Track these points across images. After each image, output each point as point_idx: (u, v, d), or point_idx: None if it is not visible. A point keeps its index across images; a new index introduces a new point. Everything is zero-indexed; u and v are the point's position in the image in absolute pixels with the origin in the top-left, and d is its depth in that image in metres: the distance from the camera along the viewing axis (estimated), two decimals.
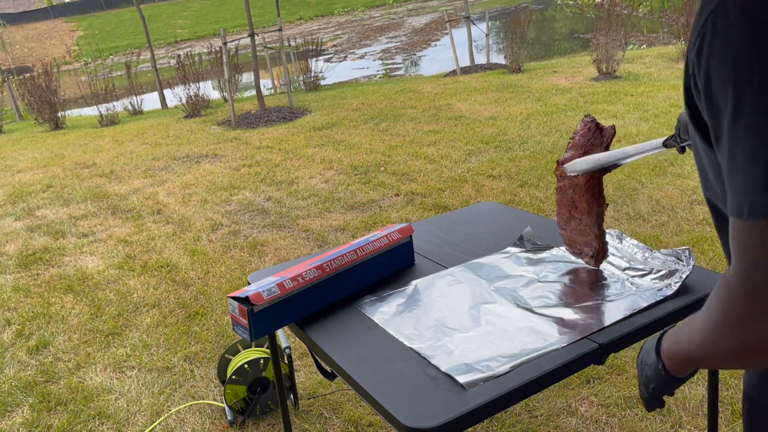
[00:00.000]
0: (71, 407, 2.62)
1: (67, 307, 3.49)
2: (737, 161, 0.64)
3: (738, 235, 0.66)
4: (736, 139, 0.64)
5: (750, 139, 0.62)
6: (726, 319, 0.68)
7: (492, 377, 1.19)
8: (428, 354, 1.29)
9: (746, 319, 0.66)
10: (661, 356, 0.90)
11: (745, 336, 0.66)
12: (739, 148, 0.64)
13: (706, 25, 0.66)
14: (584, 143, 1.45)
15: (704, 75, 0.67)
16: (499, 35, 16.81)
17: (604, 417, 2.25)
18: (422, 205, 4.42)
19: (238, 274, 3.67)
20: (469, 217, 2.02)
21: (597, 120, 1.46)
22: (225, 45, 8.23)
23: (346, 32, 24.15)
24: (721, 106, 0.66)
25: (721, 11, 0.64)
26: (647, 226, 3.72)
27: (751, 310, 0.65)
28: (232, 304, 1.43)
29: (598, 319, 1.34)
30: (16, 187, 5.96)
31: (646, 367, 0.94)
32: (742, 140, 0.63)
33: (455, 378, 1.20)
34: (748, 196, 0.63)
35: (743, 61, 0.62)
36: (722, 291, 0.69)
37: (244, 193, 5.14)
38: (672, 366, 0.88)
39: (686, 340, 0.81)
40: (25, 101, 10.45)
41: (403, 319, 1.44)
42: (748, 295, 0.65)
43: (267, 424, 2.41)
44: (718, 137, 0.68)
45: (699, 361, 0.81)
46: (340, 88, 10.80)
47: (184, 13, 36.63)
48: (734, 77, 0.63)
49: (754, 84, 0.62)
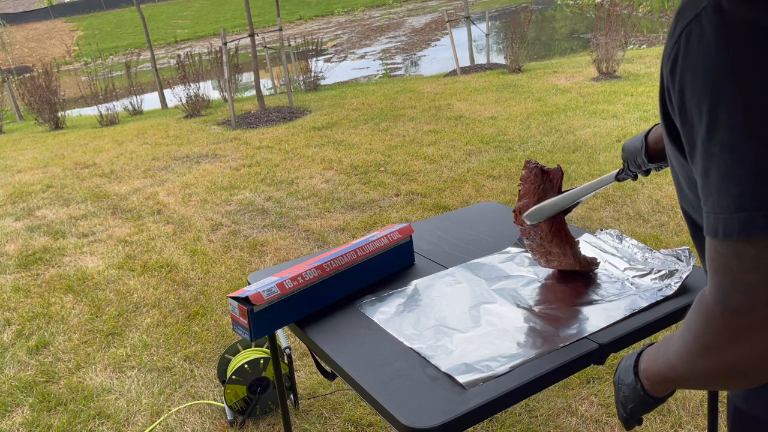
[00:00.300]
0: (71, 407, 2.62)
1: (67, 307, 3.49)
2: (711, 179, 0.63)
3: (714, 254, 0.64)
4: (710, 156, 0.63)
5: (724, 157, 0.61)
6: (704, 340, 0.67)
7: (492, 377, 1.19)
8: (428, 354, 1.29)
9: (724, 340, 0.65)
10: (639, 376, 0.88)
11: (723, 357, 0.65)
12: (714, 166, 0.62)
13: (680, 39, 0.64)
14: (535, 190, 1.43)
15: (678, 89, 0.66)
16: (499, 35, 16.81)
17: (604, 417, 2.26)
18: (422, 205, 4.42)
19: (238, 274, 3.67)
20: (469, 217, 2.02)
21: (540, 164, 1.44)
22: (225, 45, 8.23)
23: (346, 32, 24.15)
24: (695, 122, 0.64)
25: (695, 25, 0.62)
26: (647, 226, 3.72)
27: (729, 331, 0.64)
28: (232, 304, 1.43)
29: (598, 319, 1.34)
30: (16, 187, 5.96)
31: (624, 386, 0.92)
32: (716, 157, 0.62)
33: (455, 378, 1.20)
34: (722, 215, 0.62)
35: (719, 77, 0.60)
36: (699, 311, 0.68)
37: (244, 193, 5.14)
38: (650, 386, 0.87)
39: (664, 361, 0.79)
40: (25, 101, 10.45)
41: (402, 319, 1.44)
42: (725, 315, 0.64)
43: (267, 424, 2.41)
44: (693, 153, 0.66)
45: (677, 381, 0.79)
46: (340, 88, 10.80)
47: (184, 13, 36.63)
48: (709, 93, 0.61)
49: (729, 100, 0.60)
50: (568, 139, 5.55)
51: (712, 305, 0.65)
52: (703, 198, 0.65)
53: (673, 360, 0.75)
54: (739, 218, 0.60)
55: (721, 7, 0.60)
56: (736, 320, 0.63)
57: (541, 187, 1.42)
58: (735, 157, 0.60)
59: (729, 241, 0.61)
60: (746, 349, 0.63)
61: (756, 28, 0.58)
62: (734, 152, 0.60)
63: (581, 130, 5.80)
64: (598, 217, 3.88)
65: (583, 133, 5.69)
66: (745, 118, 0.59)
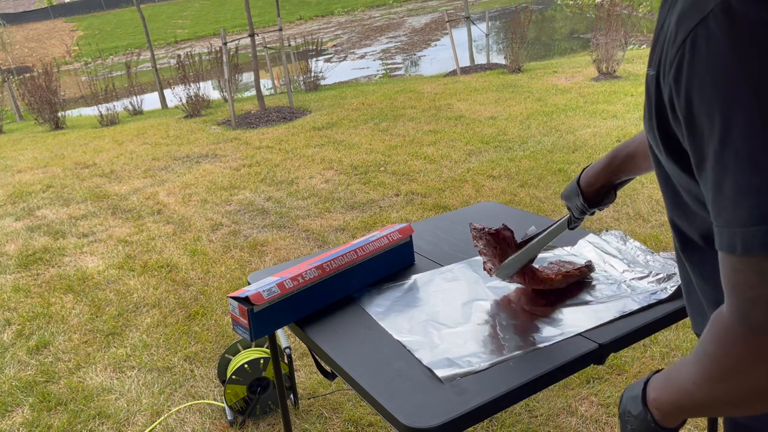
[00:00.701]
0: (71, 407, 2.62)
1: (67, 307, 3.49)
2: (725, 191, 0.59)
3: (731, 271, 0.61)
4: (724, 167, 0.59)
5: (741, 167, 0.57)
6: (724, 363, 0.63)
7: (470, 373, 1.20)
8: (413, 348, 1.31)
9: (747, 362, 0.61)
10: (649, 406, 0.81)
11: (746, 380, 0.62)
12: (729, 178, 0.59)
13: (685, 45, 0.61)
14: (492, 251, 1.44)
15: (685, 98, 0.62)
16: (499, 35, 16.82)
17: (604, 417, 2.26)
18: (422, 205, 4.42)
19: (238, 274, 3.67)
20: (469, 217, 2.02)
21: (483, 226, 1.43)
22: (225, 45, 8.23)
23: (346, 32, 24.15)
24: (705, 132, 0.60)
25: (702, 29, 0.59)
26: (647, 226, 3.72)
27: (752, 352, 0.60)
28: (232, 304, 1.43)
29: (586, 319, 1.35)
30: (16, 187, 5.96)
31: (632, 419, 0.85)
32: (731, 168, 0.58)
33: (434, 372, 1.21)
34: (740, 228, 0.58)
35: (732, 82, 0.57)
36: (717, 332, 0.64)
37: (244, 193, 5.14)
38: (661, 416, 0.80)
39: (677, 388, 0.74)
40: (25, 101, 10.45)
41: (397, 312, 1.46)
42: (747, 335, 0.60)
43: (267, 424, 2.41)
44: (702, 165, 0.63)
45: (693, 410, 0.73)
46: (340, 88, 10.80)
47: (184, 13, 36.64)
48: (721, 99, 0.58)
49: (744, 106, 0.57)
50: (568, 139, 5.56)
51: (732, 325, 0.62)
52: (715, 212, 0.61)
53: (689, 386, 0.71)
54: (760, 232, 0.57)
55: (730, 7, 0.57)
56: (759, 340, 0.59)
57: (497, 248, 1.42)
58: (753, 167, 0.57)
59: (749, 256, 0.58)
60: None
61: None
62: (752, 162, 0.57)
63: (581, 130, 5.80)
64: (598, 216, 3.88)
65: (583, 133, 5.69)
66: (762, 124, 0.56)
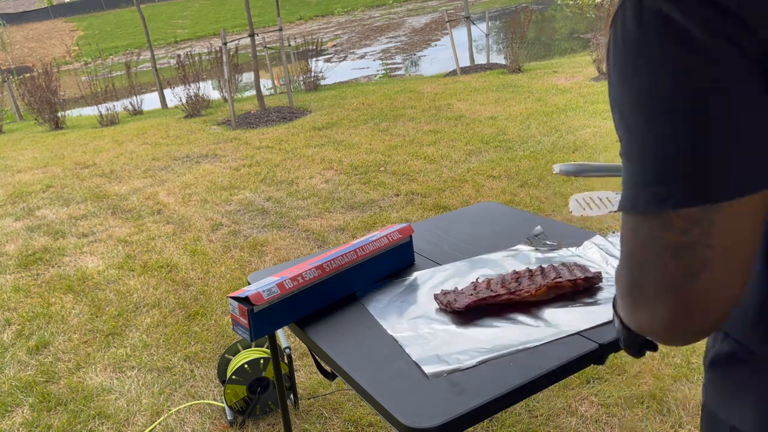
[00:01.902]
0: (71, 407, 2.62)
1: (67, 307, 3.49)
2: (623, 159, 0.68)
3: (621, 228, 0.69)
4: (620, 138, 0.67)
5: (626, 137, 0.64)
6: (621, 304, 0.71)
7: (457, 370, 1.21)
8: (404, 343, 1.32)
9: (629, 309, 0.68)
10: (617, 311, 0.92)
11: (636, 322, 0.69)
12: (622, 146, 0.66)
13: (613, 23, 0.67)
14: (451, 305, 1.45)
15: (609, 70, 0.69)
16: (499, 35, 16.82)
17: (604, 417, 2.25)
18: (422, 205, 4.42)
19: (238, 274, 3.67)
20: (469, 216, 2.02)
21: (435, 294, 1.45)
22: (225, 45, 8.23)
23: (346, 32, 24.16)
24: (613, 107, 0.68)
25: (620, 12, 0.65)
26: None
27: (630, 302, 0.67)
28: (232, 304, 1.43)
29: (580, 320, 1.34)
30: (16, 187, 5.96)
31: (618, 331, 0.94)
32: (622, 139, 0.66)
33: (422, 368, 1.22)
34: (625, 189, 0.65)
35: (628, 60, 0.63)
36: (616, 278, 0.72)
37: (244, 193, 5.14)
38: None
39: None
40: (25, 101, 10.45)
41: (394, 308, 1.47)
42: (628, 287, 0.67)
43: (267, 424, 2.41)
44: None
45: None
46: (340, 88, 10.80)
47: (184, 13, 36.64)
48: (622, 74, 0.64)
49: (631, 81, 0.62)
50: (568, 139, 5.56)
51: (618, 276, 0.70)
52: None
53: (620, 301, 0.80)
54: (633, 194, 0.62)
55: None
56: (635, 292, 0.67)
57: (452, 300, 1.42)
58: (633, 136, 0.63)
59: (627, 214, 0.65)
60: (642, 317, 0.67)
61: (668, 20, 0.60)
62: (629, 130, 0.63)
63: (581, 130, 5.80)
64: (598, 216, 3.88)
65: (583, 133, 5.69)
66: (636, 99, 0.62)
